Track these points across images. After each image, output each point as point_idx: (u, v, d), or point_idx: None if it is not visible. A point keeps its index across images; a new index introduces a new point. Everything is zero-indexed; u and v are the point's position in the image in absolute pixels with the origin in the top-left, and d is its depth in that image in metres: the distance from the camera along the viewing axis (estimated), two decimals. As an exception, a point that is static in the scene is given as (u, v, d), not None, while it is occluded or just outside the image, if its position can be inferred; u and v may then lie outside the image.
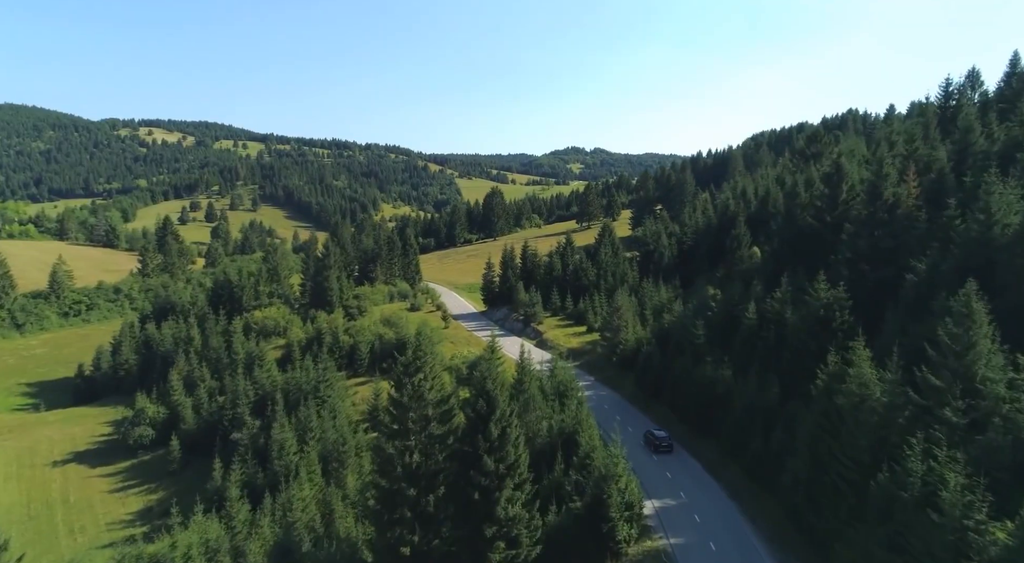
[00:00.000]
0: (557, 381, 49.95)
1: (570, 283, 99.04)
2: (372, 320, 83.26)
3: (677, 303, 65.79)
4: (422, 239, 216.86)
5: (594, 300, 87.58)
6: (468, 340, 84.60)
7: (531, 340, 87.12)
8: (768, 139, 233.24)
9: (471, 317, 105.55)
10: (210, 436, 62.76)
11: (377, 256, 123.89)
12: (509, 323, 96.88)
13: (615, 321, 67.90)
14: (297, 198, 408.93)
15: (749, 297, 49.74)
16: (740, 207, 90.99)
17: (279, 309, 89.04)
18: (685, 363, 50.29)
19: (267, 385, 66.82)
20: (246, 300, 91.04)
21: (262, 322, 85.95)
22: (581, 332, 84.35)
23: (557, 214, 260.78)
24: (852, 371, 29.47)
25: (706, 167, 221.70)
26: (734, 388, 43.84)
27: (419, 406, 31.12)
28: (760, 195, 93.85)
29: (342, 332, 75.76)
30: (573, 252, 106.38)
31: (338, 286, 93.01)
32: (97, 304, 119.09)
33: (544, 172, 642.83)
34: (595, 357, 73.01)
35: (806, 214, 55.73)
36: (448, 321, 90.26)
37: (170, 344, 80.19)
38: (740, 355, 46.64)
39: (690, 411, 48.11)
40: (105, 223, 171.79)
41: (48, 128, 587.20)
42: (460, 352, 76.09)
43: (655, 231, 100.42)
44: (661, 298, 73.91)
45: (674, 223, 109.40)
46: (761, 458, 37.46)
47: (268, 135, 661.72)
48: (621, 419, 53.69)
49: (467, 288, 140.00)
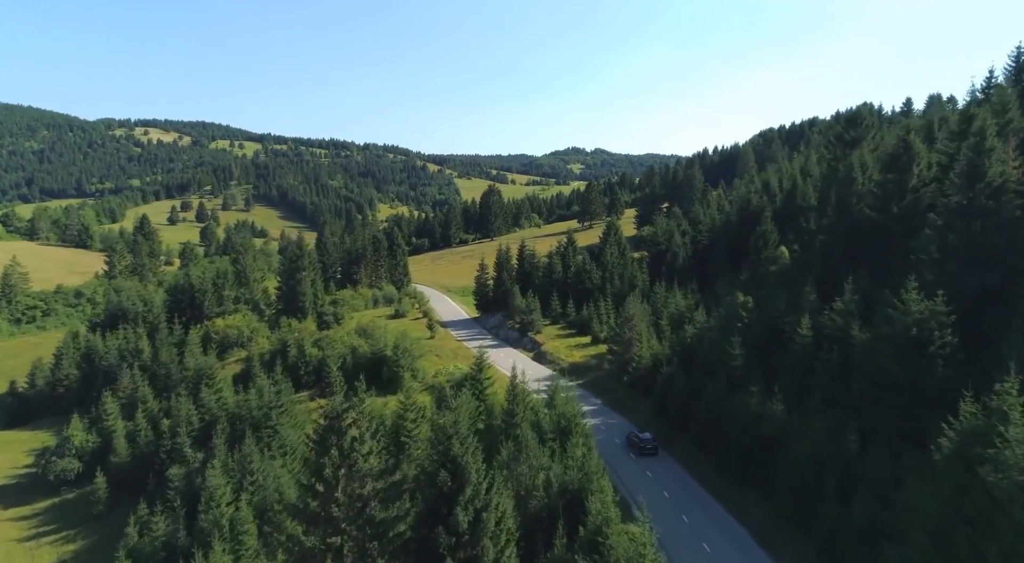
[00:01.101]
0: (558, 413, 39.71)
1: (572, 287, 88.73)
2: (346, 330, 73.01)
3: (699, 312, 55.42)
4: (416, 239, 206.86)
5: (599, 306, 77.30)
6: (456, 352, 74.29)
7: (527, 352, 76.85)
8: (778, 134, 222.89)
9: (462, 324, 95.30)
10: (145, 471, 52.54)
11: (361, 257, 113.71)
12: (503, 331, 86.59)
13: (626, 333, 57.61)
14: (291, 198, 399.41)
15: (800, 308, 39.37)
16: (764, 202, 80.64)
17: (245, 317, 78.82)
18: (718, 390, 39.96)
19: (216, 408, 56.64)
20: (208, 306, 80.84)
21: (224, 332, 75.73)
22: (584, 343, 74.01)
23: (558, 213, 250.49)
24: (1011, 433, 19.15)
25: (712, 164, 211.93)
26: (789, 429, 33.53)
27: (351, 481, 20.85)
28: (786, 188, 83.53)
29: (309, 344, 65.49)
30: (575, 252, 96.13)
31: (312, 291, 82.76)
32: (54, 309, 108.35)
33: (544, 172, 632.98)
34: (602, 375, 62.70)
35: (862, 205, 45.38)
36: (434, 330, 79.97)
37: (115, 357, 69.98)
38: (792, 383, 36.32)
39: (727, 454, 37.76)
40: (78, 222, 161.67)
41: (43, 128, 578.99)
42: (445, 368, 65.86)
43: (667, 229, 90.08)
44: (679, 305, 63.66)
45: (685, 220, 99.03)
46: (842, 533, 27.12)
47: (265, 135, 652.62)
48: (636, 457, 43.32)
49: (460, 291, 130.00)
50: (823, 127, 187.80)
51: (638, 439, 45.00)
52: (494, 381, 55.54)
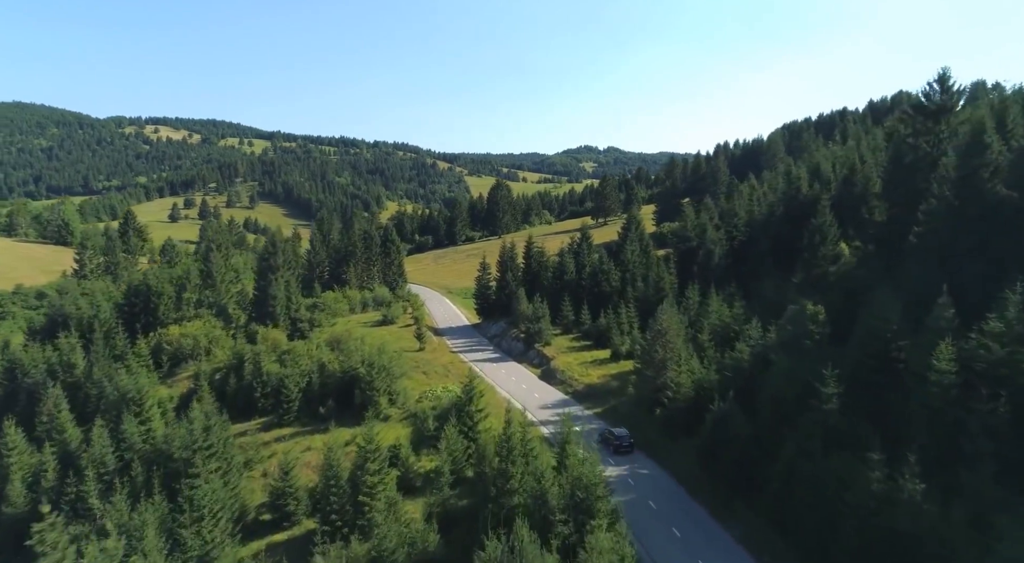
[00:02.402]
0: (572, 478, 27.52)
1: (587, 290, 76.40)
2: (317, 342, 61.20)
3: (753, 325, 42.70)
4: (419, 237, 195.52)
5: (619, 314, 64.92)
6: (448, 368, 62.22)
7: (534, 367, 64.64)
8: (803, 127, 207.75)
9: (460, 332, 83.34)
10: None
11: (351, 255, 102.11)
12: (506, 342, 74.43)
13: (657, 352, 45.10)
14: (297, 195, 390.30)
15: (937, 332, 26.61)
16: (818, 190, 67.79)
17: (206, 324, 67.36)
18: (810, 450, 27.35)
19: (140, 444, 45.10)
20: (163, 312, 69.48)
21: (177, 342, 64.39)
22: (603, 359, 61.62)
23: (570, 210, 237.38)
24: None
25: (734, 158, 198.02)
26: (937, 527, 21.04)
27: None
28: (841, 175, 70.54)
29: (268, 360, 53.64)
30: (591, 250, 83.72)
31: (284, 294, 71.09)
32: (11, 312, 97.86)
33: (556, 171, 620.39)
34: (625, 402, 50.24)
35: (995, 184, 32.61)
36: (424, 340, 67.84)
37: (42, 373, 58.77)
38: (931, 448, 23.78)
39: (829, 548, 25.18)
40: (58, 218, 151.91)
41: (52, 125, 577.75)
42: (433, 389, 53.94)
43: (698, 223, 77.23)
44: (722, 316, 51.05)
45: (716, 213, 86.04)
46: None
47: (275, 133, 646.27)
48: (683, 537, 30.82)
49: (463, 293, 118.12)
50: (897, 103, 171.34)
51: (612, 436, 42.38)
52: (488, 413, 43.51)
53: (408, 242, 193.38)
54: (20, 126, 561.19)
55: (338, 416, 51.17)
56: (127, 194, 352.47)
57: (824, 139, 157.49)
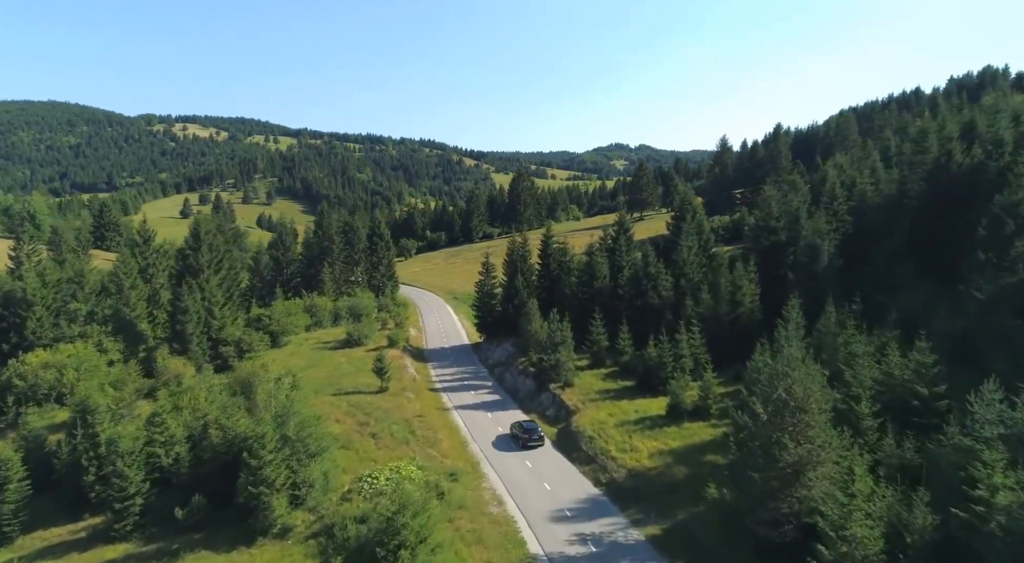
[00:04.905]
0: None
1: (626, 302, 54.20)
2: (217, 382, 40.28)
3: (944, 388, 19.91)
4: (430, 233, 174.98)
5: (678, 343, 42.57)
6: (413, 428, 40.46)
7: (548, 423, 42.58)
8: (864, 111, 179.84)
9: (455, 356, 62.09)
10: None
11: (326, 253, 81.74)
12: (511, 374, 52.69)
13: (785, 443, 22.54)
14: (315, 191, 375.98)
15: None
16: (992, 154, 44.40)
17: (80, 350, 47.56)
18: None
19: None
20: (32, 329, 49.78)
21: (35, 375, 44.85)
22: (655, 417, 38.90)
23: (600, 205, 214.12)
24: None
25: (787, 145, 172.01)
26: None
27: None
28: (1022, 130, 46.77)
29: (104, 425, 32.89)
30: (630, 245, 61.23)
31: (201, 307, 50.59)
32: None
33: (586, 168, 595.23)
34: (706, 514, 27.72)
35: None
36: (386, 378, 46.15)
37: None
38: None
39: None
40: (25, 211, 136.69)
41: (82, 123, 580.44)
42: (379, 472, 32.38)
43: (789, 210, 53.72)
44: (891, 365, 28.34)
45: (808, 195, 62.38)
46: None
47: (301, 130, 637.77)
48: None
49: (469, 298, 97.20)
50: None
51: (521, 429, 38.20)
52: (451, 537, 21.94)
53: (419, 239, 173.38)
54: (51, 124, 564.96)
55: (214, 521, 30.42)
56: (142, 190, 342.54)
57: (910, 115, 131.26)
